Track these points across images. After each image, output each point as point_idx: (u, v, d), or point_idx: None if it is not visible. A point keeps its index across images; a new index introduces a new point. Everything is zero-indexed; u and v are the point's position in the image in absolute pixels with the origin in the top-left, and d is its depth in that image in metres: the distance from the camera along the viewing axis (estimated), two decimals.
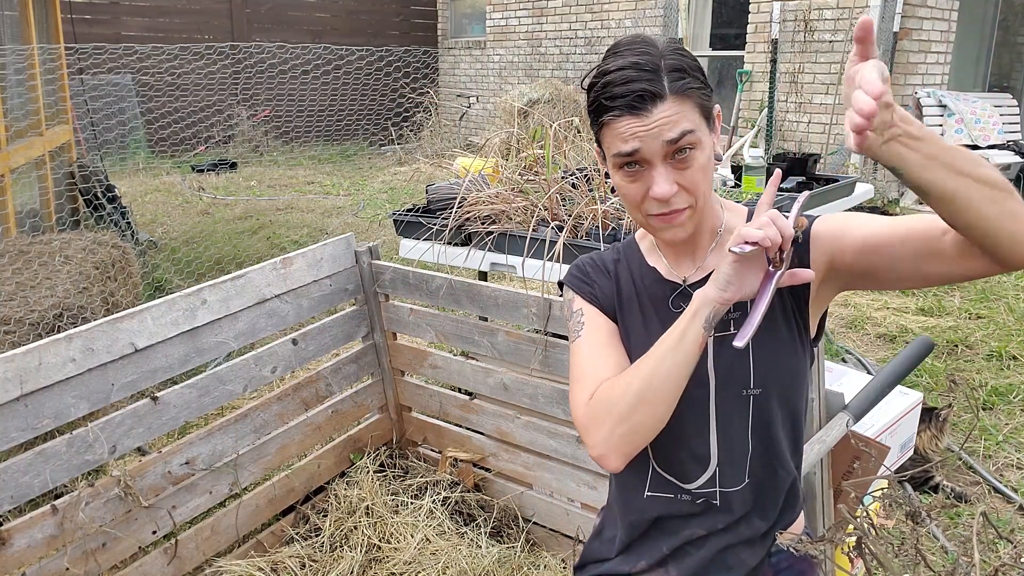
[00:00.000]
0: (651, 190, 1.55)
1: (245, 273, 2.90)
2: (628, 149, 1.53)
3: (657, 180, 1.54)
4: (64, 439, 2.40)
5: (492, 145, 4.26)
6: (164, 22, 13.96)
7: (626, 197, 1.61)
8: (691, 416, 1.66)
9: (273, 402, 3.09)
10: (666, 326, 1.61)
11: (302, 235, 8.46)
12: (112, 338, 2.48)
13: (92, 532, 2.48)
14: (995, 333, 5.62)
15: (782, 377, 1.68)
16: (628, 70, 1.52)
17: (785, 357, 1.67)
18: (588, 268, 1.82)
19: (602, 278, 1.79)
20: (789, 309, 1.67)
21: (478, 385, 3.19)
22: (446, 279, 3.12)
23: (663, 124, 1.51)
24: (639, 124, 1.51)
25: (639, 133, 1.51)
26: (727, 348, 1.65)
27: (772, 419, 1.69)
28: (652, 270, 1.76)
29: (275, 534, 3.16)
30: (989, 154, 9.02)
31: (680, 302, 1.69)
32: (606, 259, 1.83)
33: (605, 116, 1.55)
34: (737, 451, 1.69)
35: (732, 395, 1.66)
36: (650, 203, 1.58)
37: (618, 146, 1.54)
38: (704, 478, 1.70)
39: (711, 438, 1.68)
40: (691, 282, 1.70)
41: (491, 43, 15.15)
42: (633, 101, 1.51)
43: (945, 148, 1.28)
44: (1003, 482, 3.82)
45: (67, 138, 7.19)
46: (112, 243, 5.07)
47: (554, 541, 3.14)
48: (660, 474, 1.73)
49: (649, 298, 1.74)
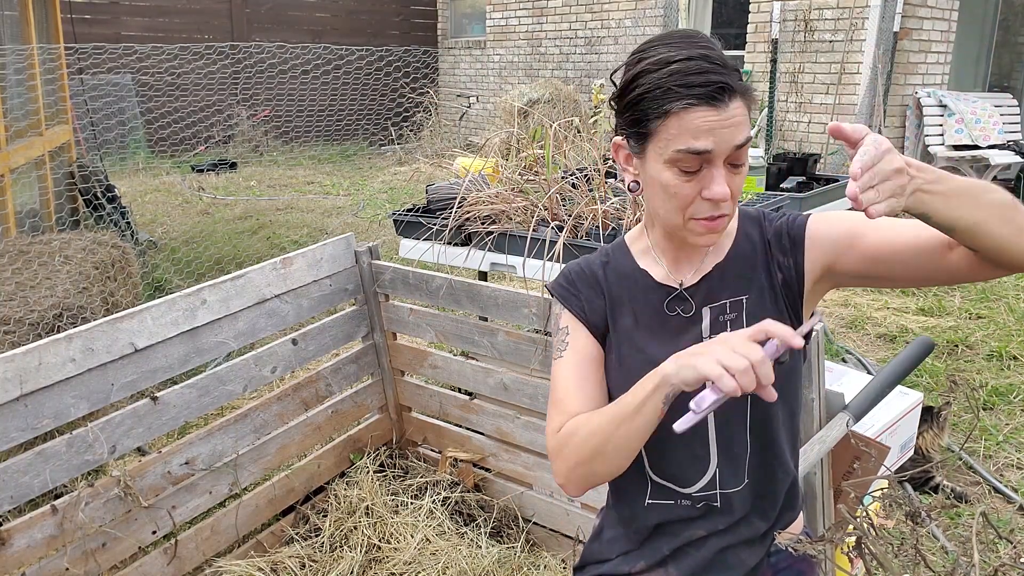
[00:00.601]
0: (708, 190, 1.48)
1: (245, 273, 2.90)
2: (701, 147, 1.45)
3: (717, 180, 1.48)
4: (64, 439, 2.40)
5: (492, 145, 4.26)
6: (164, 22, 13.97)
7: (676, 196, 1.52)
8: (689, 440, 1.64)
9: (273, 402, 3.09)
10: (658, 331, 1.63)
11: (302, 235, 8.45)
12: (112, 338, 2.48)
13: (92, 532, 2.48)
14: (995, 333, 5.62)
15: (779, 375, 1.67)
16: (699, 60, 1.45)
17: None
18: (575, 278, 1.77)
19: (589, 289, 1.74)
20: (783, 306, 1.67)
21: (478, 385, 3.19)
22: (446, 279, 3.12)
23: (735, 124, 1.46)
24: (717, 118, 1.44)
25: (716, 128, 1.44)
26: None
27: (770, 417, 1.68)
28: (644, 273, 1.72)
29: (275, 534, 3.15)
30: (989, 154, 9.02)
31: (675, 306, 1.68)
32: (594, 264, 1.78)
33: (675, 104, 1.45)
34: (736, 451, 1.68)
35: (731, 406, 1.59)
36: (700, 205, 1.51)
37: (687, 141, 1.45)
38: (704, 481, 1.69)
39: (710, 438, 1.67)
40: (687, 286, 1.68)
41: (491, 43, 15.15)
42: (714, 92, 1.43)
43: (961, 183, 1.36)
44: (1003, 482, 3.82)
45: (67, 138, 7.18)
46: (112, 243, 5.07)
47: (554, 541, 3.14)
48: (658, 482, 1.72)
49: (642, 302, 1.71)
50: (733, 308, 1.64)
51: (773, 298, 1.66)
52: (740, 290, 1.66)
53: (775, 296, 1.67)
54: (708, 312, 1.66)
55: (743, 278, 1.67)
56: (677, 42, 1.49)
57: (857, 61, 9.49)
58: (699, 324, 1.66)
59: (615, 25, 12.59)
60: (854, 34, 9.47)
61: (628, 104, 1.53)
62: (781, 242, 1.67)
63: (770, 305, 1.66)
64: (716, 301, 1.66)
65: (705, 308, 1.66)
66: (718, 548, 1.72)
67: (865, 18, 9.34)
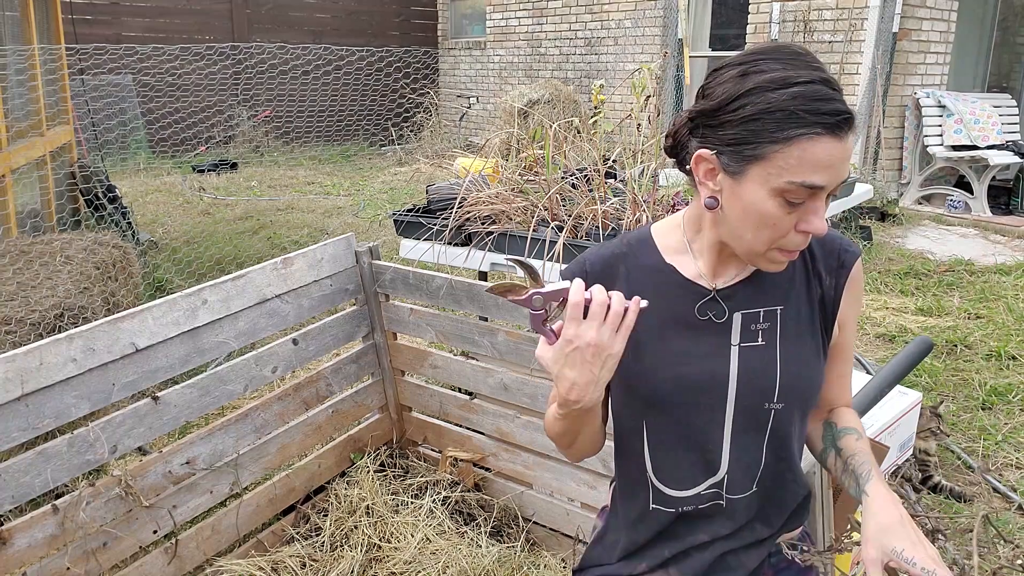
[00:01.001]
0: (810, 224, 1.41)
1: (246, 273, 2.90)
2: (821, 182, 1.37)
3: (820, 215, 1.41)
4: (65, 439, 2.40)
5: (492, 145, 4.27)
6: (165, 22, 13.96)
7: (773, 228, 1.43)
8: (703, 428, 1.63)
9: (273, 402, 3.09)
10: (686, 334, 1.60)
11: (302, 235, 8.45)
12: (113, 338, 2.48)
13: (93, 532, 2.48)
14: (994, 333, 5.62)
15: (804, 391, 1.65)
16: (822, 86, 1.37)
17: (810, 371, 1.65)
18: (589, 267, 1.68)
19: (606, 282, 1.55)
20: (818, 323, 1.65)
21: (478, 385, 3.19)
22: (446, 279, 3.12)
23: (846, 158, 1.39)
24: (839, 151, 1.36)
25: (836, 163, 1.37)
26: (753, 361, 1.60)
27: (789, 433, 1.67)
28: (671, 270, 1.64)
29: (276, 534, 3.16)
30: (988, 154, 9.02)
31: (707, 310, 1.61)
32: (613, 255, 1.68)
33: (799, 132, 1.35)
34: (748, 461, 1.66)
35: (752, 409, 1.62)
36: (795, 237, 1.44)
37: (807, 174, 1.36)
38: (710, 487, 1.67)
39: (723, 450, 1.64)
40: (720, 289, 1.62)
41: (491, 43, 15.14)
42: (841, 122, 1.35)
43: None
44: (1002, 482, 3.82)
45: (68, 138, 7.18)
46: (113, 243, 5.07)
47: (554, 541, 3.15)
48: (661, 488, 1.69)
49: (667, 300, 1.62)
50: (767, 318, 1.61)
51: (810, 313, 1.64)
52: (777, 300, 1.62)
53: (812, 311, 1.65)
54: (740, 318, 1.61)
55: (781, 288, 1.63)
56: (791, 60, 1.40)
57: (856, 62, 9.49)
58: (728, 329, 1.61)
59: (615, 26, 12.58)
60: (853, 35, 9.47)
61: (735, 121, 1.41)
62: (829, 260, 1.65)
63: (806, 319, 1.64)
64: (750, 308, 1.62)
65: (737, 314, 1.61)
66: (721, 551, 1.70)
67: (864, 19, 9.34)
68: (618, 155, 3.62)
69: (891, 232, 8.55)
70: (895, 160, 9.92)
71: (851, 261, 1.65)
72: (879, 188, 8.86)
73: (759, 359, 1.59)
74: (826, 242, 1.66)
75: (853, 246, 1.67)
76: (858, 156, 9.45)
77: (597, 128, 3.67)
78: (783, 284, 1.63)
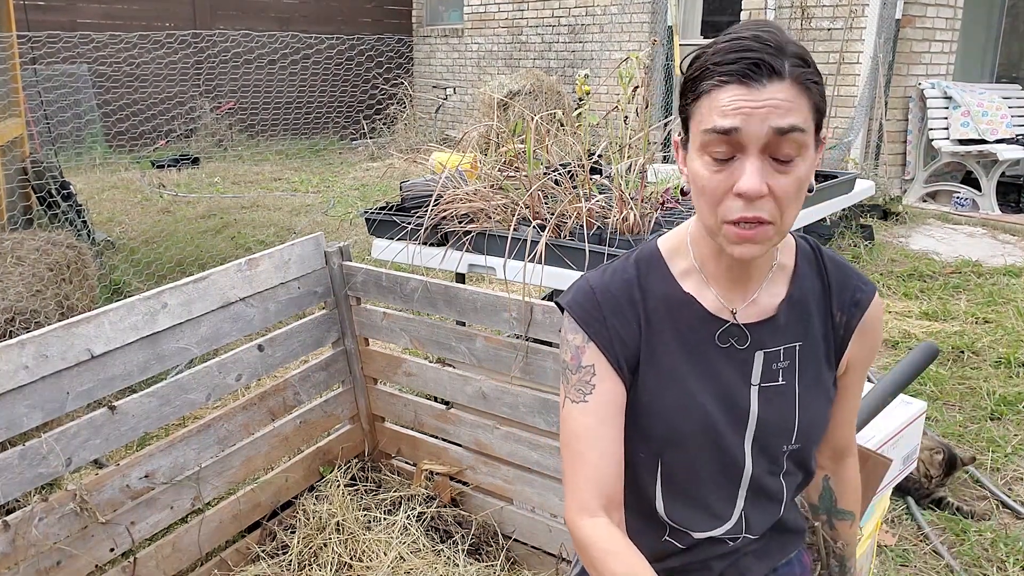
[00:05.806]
0: (738, 183, 1.38)
1: (208, 275, 2.91)
2: (726, 125, 1.36)
3: (748, 171, 1.37)
4: (16, 451, 2.41)
5: (470, 139, 4.27)
6: (122, 9, 13.90)
7: (704, 191, 1.43)
8: (720, 469, 1.63)
9: (238, 412, 3.09)
10: (708, 368, 1.59)
11: (268, 235, 8.45)
12: (67, 344, 2.48)
13: (46, 549, 2.48)
14: (1003, 339, 5.64)
15: (820, 428, 1.68)
16: (747, 40, 1.37)
17: (825, 408, 1.67)
18: (601, 299, 1.60)
19: (619, 315, 1.59)
20: (831, 359, 1.66)
21: (455, 394, 3.20)
22: (421, 281, 3.13)
23: (774, 106, 1.35)
24: (747, 97, 1.35)
25: (744, 108, 1.35)
26: (773, 403, 1.61)
27: (804, 469, 1.71)
28: (692, 301, 1.60)
29: (240, 552, 3.16)
30: (996, 149, 9.03)
31: (728, 338, 1.59)
32: (626, 281, 1.62)
33: (706, 83, 1.39)
34: (766, 501, 1.68)
35: (771, 450, 1.63)
36: (731, 203, 1.40)
37: (713, 120, 1.37)
38: (726, 526, 1.67)
39: (737, 502, 1.66)
40: (746, 322, 1.59)
41: (469, 31, 15.15)
42: (747, 68, 1.35)
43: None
44: (1012, 496, 3.84)
45: (19, 132, 7.15)
46: (67, 243, 5.06)
47: (536, 559, 3.16)
48: (677, 528, 1.69)
49: (688, 332, 1.59)
50: (787, 355, 1.61)
51: (825, 349, 1.65)
52: (796, 336, 1.62)
53: (827, 346, 1.65)
54: (761, 357, 1.60)
55: (801, 323, 1.62)
56: (741, 28, 1.42)
57: (857, 50, 9.54)
58: (749, 366, 1.60)
59: (600, 12, 12.61)
60: (854, 22, 9.51)
61: (682, 95, 1.47)
62: (843, 295, 1.65)
63: (821, 356, 1.65)
64: (771, 346, 1.61)
65: (759, 352, 1.60)
66: (728, 564, 1.72)
67: (866, 4, 9.38)
68: (604, 150, 3.63)
69: (894, 231, 8.59)
70: (898, 155, 9.96)
71: (866, 301, 1.65)
72: (881, 185, 8.88)
73: (779, 401, 1.61)
74: (843, 277, 1.66)
75: (869, 284, 1.67)
76: (859, 151, 9.49)
77: (582, 121, 3.69)
78: (804, 318, 1.62)
